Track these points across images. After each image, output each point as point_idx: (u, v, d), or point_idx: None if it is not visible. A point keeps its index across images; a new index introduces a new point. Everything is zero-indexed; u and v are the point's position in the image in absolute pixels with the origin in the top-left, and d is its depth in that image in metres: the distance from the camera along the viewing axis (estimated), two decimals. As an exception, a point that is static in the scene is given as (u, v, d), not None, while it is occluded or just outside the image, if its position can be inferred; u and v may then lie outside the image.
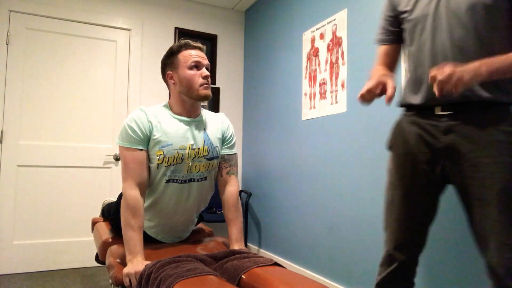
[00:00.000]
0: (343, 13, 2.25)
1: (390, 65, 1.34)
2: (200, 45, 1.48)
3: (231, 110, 3.50)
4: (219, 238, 1.62)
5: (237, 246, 1.45)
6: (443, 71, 0.97)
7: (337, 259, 2.22)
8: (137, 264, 1.25)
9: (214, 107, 3.40)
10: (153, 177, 1.43)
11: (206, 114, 1.57)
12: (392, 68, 1.35)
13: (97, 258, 1.97)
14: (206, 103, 3.37)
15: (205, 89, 1.43)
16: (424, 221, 1.21)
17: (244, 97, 3.54)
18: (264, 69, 3.18)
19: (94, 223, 2.14)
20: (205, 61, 1.46)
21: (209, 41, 3.42)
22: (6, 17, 2.71)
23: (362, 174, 2.05)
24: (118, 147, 1.42)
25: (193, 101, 1.45)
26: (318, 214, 2.40)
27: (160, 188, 1.44)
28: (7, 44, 2.71)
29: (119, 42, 3.07)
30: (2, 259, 2.63)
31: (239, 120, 3.54)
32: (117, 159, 2.98)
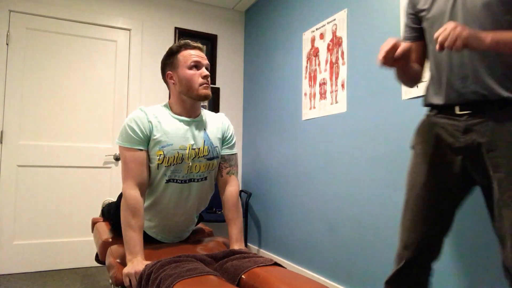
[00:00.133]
0: (343, 13, 2.25)
1: (416, 61, 1.30)
2: (200, 45, 1.48)
3: (231, 110, 3.50)
4: (219, 238, 1.62)
5: (237, 246, 1.45)
6: (444, 27, 0.97)
7: (337, 259, 2.22)
8: (137, 264, 1.25)
9: (214, 107, 3.40)
10: (153, 177, 1.43)
11: (206, 114, 1.57)
12: (419, 65, 1.31)
13: (97, 258, 1.98)
14: (206, 103, 3.37)
15: (204, 88, 1.43)
16: (437, 223, 1.18)
17: (244, 97, 3.54)
18: (264, 69, 3.18)
19: (94, 223, 2.14)
20: (205, 61, 1.46)
21: (209, 41, 3.42)
22: (6, 17, 2.71)
23: (362, 174, 2.05)
24: (118, 147, 1.42)
25: (193, 101, 1.46)
26: (318, 214, 2.40)
27: (160, 188, 1.44)
28: (7, 44, 2.71)
29: (119, 42, 3.07)
30: (2, 259, 2.63)
31: (239, 120, 3.54)
32: (117, 159, 2.98)
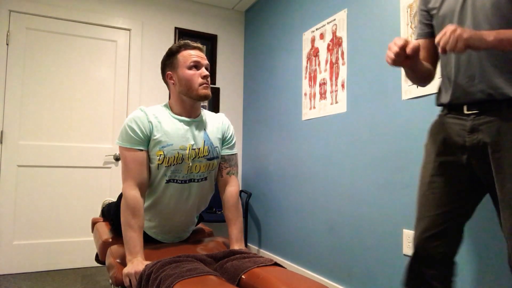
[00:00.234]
0: (343, 13, 2.25)
1: (428, 59, 1.28)
2: (200, 45, 1.48)
3: (231, 110, 3.50)
4: (219, 238, 1.62)
5: (237, 246, 1.45)
6: (444, 31, 0.97)
7: (337, 259, 2.22)
8: (137, 264, 1.25)
9: (214, 107, 3.40)
10: (154, 177, 1.43)
11: (206, 114, 1.57)
12: (431, 62, 1.29)
13: (97, 258, 1.97)
14: (206, 103, 3.37)
15: (204, 88, 1.43)
16: (441, 223, 1.17)
17: (244, 97, 3.54)
18: (264, 69, 3.18)
19: (94, 223, 2.14)
20: (205, 61, 1.46)
21: (209, 41, 3.42)
22: (6, 17, 2.71)
23: (362, 174, 2.05)
24: (118, 147, 1.42)
25: (193, 101, 1.45)
26: (318, 214, 2.40)
27: (160, 188, 1.44)
28: (7, 44, 2.71)
29: (119, 42, 3.07)
30: (2, 259, 2.64)
31: (239, 120, 3.54)
32: (117, 159, 2.98)
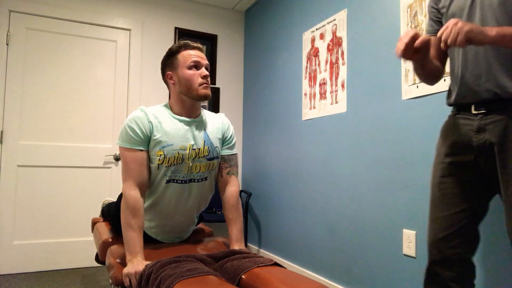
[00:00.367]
0: (343, 13, 2.25)
1: (437, 57, 1.27)
2: (200, 45, 1.48)
3: (231, 110, 3.50)
4: (219, 238, 1.62)
5: (237, 246, 1.45)
6: (446, 25, 0.98)
7: (337, 259, 2.22)
8: (137, 264, 1.25)
9: (214, 107, 3.40)
10: (154, 177, 1.43)
11: (206, 114, 1.57)
12: (440, 60, 1.28)
13: (97, 258, 1.98)
14: (206, 103, 3.37)
15: (204, 88, 1.43)
16: (453, 224, 1.17)
17: (244, 97, 3.54)
18: (264, 69, 3.18)
19: (94, 223, 2.14)
20: (204, 61, 1.46)
21: (209, 41, 3.42)
22: (6, 17, 2.71)
23: (362, 174, 2.05)
24: (119, 147, 1.42)
25: (193, 101, 1.45)
26: (318, 214, 2.40)
27: (160, 188, 1.44)
28: (7, 44, 2.71)
29: (119, 42, 3.07)
30: (2, 259, 2.64)
31: (239, 120, 3.54)
32: (117, 159, 2.98)
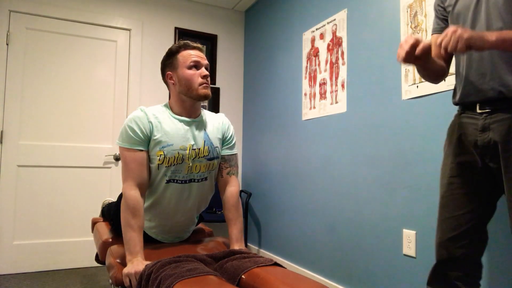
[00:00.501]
0: (343, 13, 2.25)
1: (441, 56, 1.26)
2: (199, 45, 1.48)
3: (231, 110, 3.50)
4: (219, 238, 1.62)
5: (237, 246, 1.45)
6: (445, 33, 0.98)
7: (337, 259, 2.22)
8: (137, 264, 1.25)
9: (214, 107, 3.40)
10: (154, 177, 1.43)
11: (206, 114, 1.57)
12: (444, 59, 1.27)
13: (97, 258, 1.97)
14: (206, 103, 3.37)
15: (204, 88, 1.43)
16: (463, 224, 1.17)
17: (244, 97, 3.54)
18: (264, 69, 3.18)
19: (94, 223, 2.14)
20: (204, 61, 1.46)
21: (209, 41, 3.42)
22: (6, 17, 2.71)
23: (362, 174, 2.05)
24: (119, 147, 1.42)
25: (193, 101, 1.45)
26: (318, 214, 2.40)
27: (160, 188, 1.44)
28: (7, 44, 2.71)
29: (119, 42, 3.07)
30: (2, 259, 2.63)
31: (239, 120, 3.54)
32: (117, 159, 2.98)
